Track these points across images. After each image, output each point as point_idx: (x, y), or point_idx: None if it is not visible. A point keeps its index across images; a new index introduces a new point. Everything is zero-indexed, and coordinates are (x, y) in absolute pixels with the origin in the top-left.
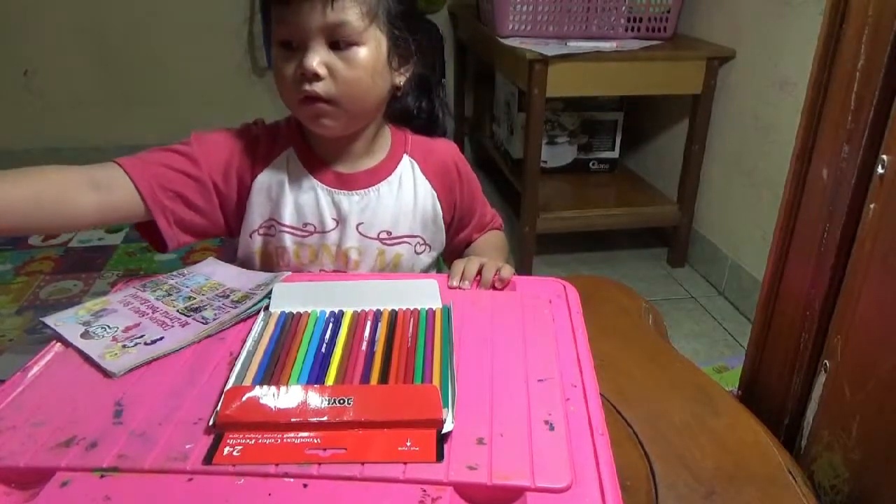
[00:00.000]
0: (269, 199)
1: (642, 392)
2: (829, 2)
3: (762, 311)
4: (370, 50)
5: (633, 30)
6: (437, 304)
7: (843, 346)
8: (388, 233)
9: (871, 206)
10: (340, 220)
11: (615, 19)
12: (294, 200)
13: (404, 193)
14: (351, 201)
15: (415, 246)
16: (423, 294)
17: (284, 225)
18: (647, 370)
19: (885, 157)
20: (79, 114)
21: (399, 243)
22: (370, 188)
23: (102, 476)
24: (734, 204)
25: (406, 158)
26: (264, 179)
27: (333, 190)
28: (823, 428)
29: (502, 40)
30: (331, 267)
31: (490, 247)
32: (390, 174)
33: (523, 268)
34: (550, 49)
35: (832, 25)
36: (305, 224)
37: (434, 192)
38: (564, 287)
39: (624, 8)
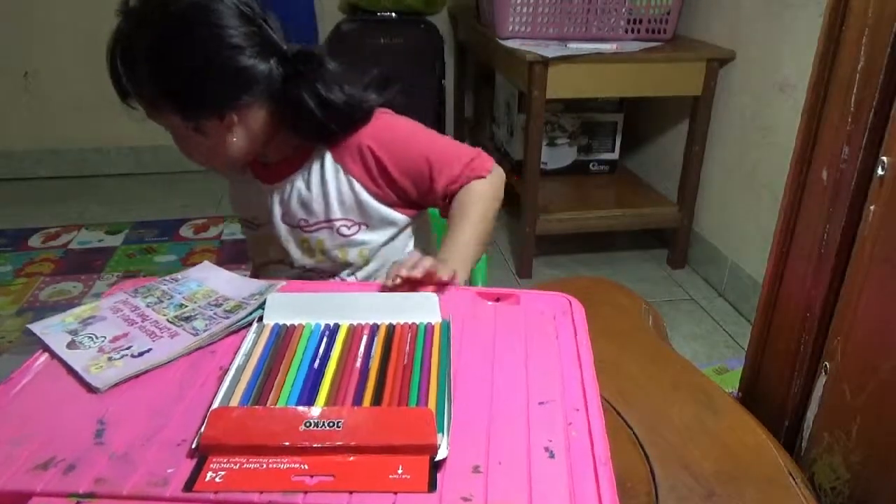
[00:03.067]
0: (237, 200)
1: (642, 393)
2: (829, 3)
3: (762, 313)
4: (170, 130)
5: (633, 31)
6: (436, 319)
7: (843, 348)
8: (305, 220)
9: (871, 207)
10: (270, 212)
11: (615, 21)
12: (245, 198)
13: (313, 183)
14: (273, 194)
15: (338, 229)
16: (422, 308)
17: (246, 220)
18: (648, 371)
19: (884, 158)
20: (79, 115)
21: (317, 229)
22: (285, 180)
23: (79, 502)
24: (734, 205)
25: (317, 150)
26: (235, 185)
27: (263, 185)
28: (823, 430)
29: (502, 42)
30: (278, 256)
31: (457, 217)
32: (301, 167)
33: (523, 269)
34: (550, 50)
35: (832, 27)
36: (255, 217)
37: (349, 176)
38: (570, 302)
39: (624, 10)
